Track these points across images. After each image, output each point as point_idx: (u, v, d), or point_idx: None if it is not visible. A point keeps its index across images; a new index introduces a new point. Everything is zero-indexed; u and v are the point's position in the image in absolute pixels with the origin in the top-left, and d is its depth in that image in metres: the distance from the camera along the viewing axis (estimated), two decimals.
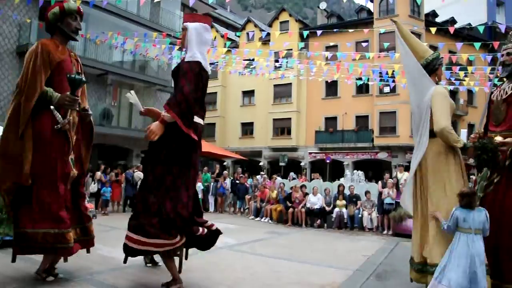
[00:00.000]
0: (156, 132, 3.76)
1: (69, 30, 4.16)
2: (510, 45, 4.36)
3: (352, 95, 28.86)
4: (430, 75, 4.33)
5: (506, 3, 33.10)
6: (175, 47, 14.08)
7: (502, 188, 4.01)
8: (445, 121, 4.03)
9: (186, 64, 3.96)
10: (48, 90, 3.89)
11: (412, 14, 27.29)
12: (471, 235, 3.55)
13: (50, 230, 3.72)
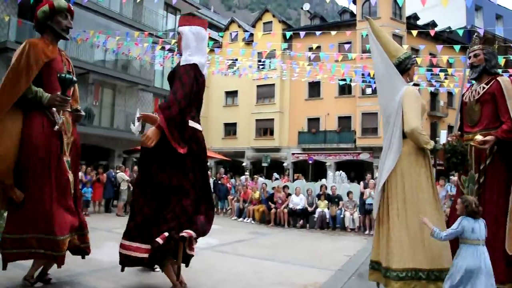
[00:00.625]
0: (152, 138, 3.66)
1: (59, 29, 4.04)
2: (476, 47, 4.42)
3: (335, 96, 29.11)
4: (402, 75, 4.23)
5: (484, 8, 33.81)
6: (157, 46, 13.98)
7: (487, 188, 4.06)
8: (416, 121, 3.91)
9: (181, 67, 3.88)
10: (38, 90, 3.78)
11: (394, 17, 27.68)
12: (480, 247, 3.32)
13: (44, 236, 3.60)
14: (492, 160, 4.10)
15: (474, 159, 4.23)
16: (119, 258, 3.88)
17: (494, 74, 4.32)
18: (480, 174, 4.14)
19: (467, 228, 3.35)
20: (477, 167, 4.20)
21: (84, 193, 12.12)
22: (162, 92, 24.32)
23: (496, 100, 4.14)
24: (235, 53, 13.71)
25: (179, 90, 3.76)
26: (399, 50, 4.39)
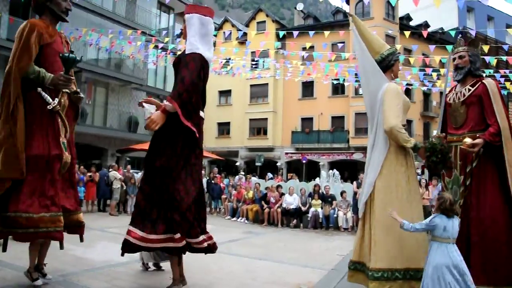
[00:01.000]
0: (157, 121, 3.67)
1: (59, 10, 4.01)
2: (461, 48, 4.42)
3: (328, 96, 29.19)
4: (385, 72, 4.21)
5: (476, 9, 34.09)
6: (150, 44, 13.92)
7: (474, 191, 4.05)
8: (395, 119, 3.86)
9: (188, 55, 3.88)
10: (41, 70, 3.76)
11: (387, 17, 27.80)
12: (450, 245, 3.31)
13: (45, 214, 3.58)
14: (479, 162, 4.09)
15: (460, 161, 4.20)
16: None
17: (479, 76, 4.33)
18: (466, 176, 4.13)
19: (439, 226, 3.33)
20: (462, 169, 4.17)
21: None
22: (155, 91, 24.22)
23: (483, 102, 4.14)
24: (229, 52, 13.70)
25: (186, 77, 3.77)
26: (383, 46, 4.36)
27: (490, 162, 4.07)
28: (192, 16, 4.06)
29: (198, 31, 4.01)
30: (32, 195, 3.61)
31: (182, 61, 3.90)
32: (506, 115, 4.10)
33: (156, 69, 23.86)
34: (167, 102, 3.72)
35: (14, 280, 4.03)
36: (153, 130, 3.70)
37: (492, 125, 4.03)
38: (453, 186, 4.24)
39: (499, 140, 3.97)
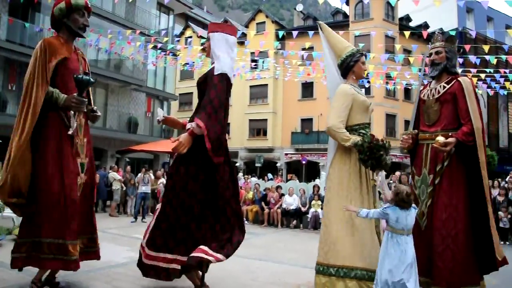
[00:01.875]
0: (186, 144, 3.66)
1: (76, 27, 3.94)
2: (437, 44, 4.37)
3: (327, 97, 29.09)
4: (347, 73, 4.31)
5: (475, 10, 34.11)
6: (150, 44, 13.92)
7: (443, 191, 4.00)
8: (333, 119, 4.05)
9: (216, 76, 3.84)
10: (54, 91, 3.70)
11: (386, 18, 27.82)
12: (403, 237, 3.39)
13: (54, 240, 3.55)
14: (450, 162, 4.03)
15: (430, 160, 4.16)
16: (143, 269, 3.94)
17: (454, 74, 4.27)
18: (435, 176, 4.08)
19: (392, 217, 3.39)
20: (432, 168, 4.13)
21: None
22: (155, 92, 24.23)
23: (457, 100, 4.08)
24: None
25: (215, 99, 3.75)
26: (344, 50, 4.39)
27: (461, 162, 4.01)
28: (218, 35, 4.04)
29: (224, 50, 4.00)
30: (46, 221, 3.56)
31: (209, 81, 3.86)
32: (479, 115, 4.02)
33: (155, 70, 23.86)
34: (194, 124, 3.69)
35: (13, 280, 4.03)
36: (181, 152, 3.68)
37: (466, 124, 3.97)
38: (421, 185, 4.20)
39: (472, 140, 3.91)
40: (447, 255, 3.83)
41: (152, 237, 3.84)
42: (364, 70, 4.42)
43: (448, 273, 3.79)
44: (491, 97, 29.97)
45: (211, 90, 3.78)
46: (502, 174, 24.44)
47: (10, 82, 16.96)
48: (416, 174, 4.31)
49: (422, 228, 4.11)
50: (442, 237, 3.88)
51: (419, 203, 4.16)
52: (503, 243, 9.79)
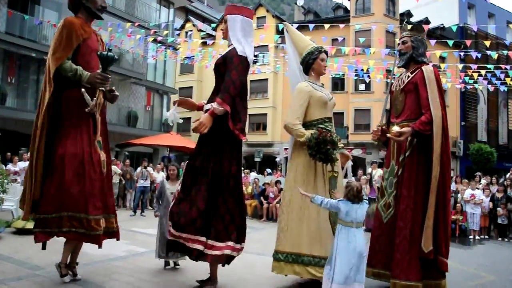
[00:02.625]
0: (206, 124, 3.63)
1: (95, 8, 3.98)
2: (404, 34, 4.39)
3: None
4: (308, 70, 4.44)
5: (477, 6, 33.99)
6: (149, 37, 13.86)
7: (405, 182, 4.01)
8: (289, 116, 4.22)
9: (237, 57, 3.82)
10: (78, 68, 3.74)
11: (387, 13, 27.69)
12: (352, 229, 3.50)
13: (76, 214, 3.58)
14: (411, 153, 4.04)
15: (396, 151, 4.20)
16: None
17: (421, 63, 4.24)
18: (399, 167, 4.10)
19: (343, 210, 3.53)
20: (397, 159, 4.14)
21: None
22: (155, 86, 24.17)
23: (418, 90, 4.07)
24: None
25: (237, 80, 3.75)
26: (305, 48, 4.50)
27: (423, 152, 4.00)
28: (235, 17, 4.01)
29: (242, 33, 3.98)
30: (67, 196, 3.60)
31: (229, 62, 3.83)
32: (441, 104, 4.00)
33: (155, 64, 23.79)
34: (217, 105, 3.66)
35: (12, 273, 4.04)
36: (202, 133, 3.65)
37: (425, 113, 3.96)
38: (389, 177, 4.24)
39: (430, 129, 3.88)
40: (403, 247, 3.85)
41: (171, 215, 3.79)
42: (324, 66, 4.51)
43: (406, 265, 3.80)
44: (491, 93, 29.98)
45: (232, 71, 3.76)
46: (501, 170, 24.51)
47: (9, 75, 16.90)
48: (385, 166, 4.38)
49: (384, 221, 4.16)
50: (400, 229, 3.91)
51: (385, 194, 4.22)
52: (501, 240, 9.81)
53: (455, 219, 10.05)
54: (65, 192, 3.59)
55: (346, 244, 3.46)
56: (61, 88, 3.73)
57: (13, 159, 11.29)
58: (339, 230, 3.55)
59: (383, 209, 4.23)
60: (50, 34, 17.81)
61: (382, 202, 4.27)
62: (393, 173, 4.17)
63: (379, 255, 4.14)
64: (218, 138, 3.78)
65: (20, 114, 16.35)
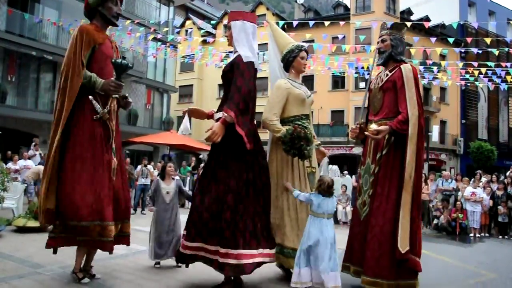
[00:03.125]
0: (219, 133, 3.65)
1: (110, 15, 4.01)
2: (383, 32, 4.41)
3: (328, 90, 29.11)
4: (288, 68, 4.50)
5: (477, 4, 33.95)
6: (150, 35, 13.84)
7: (380, 180, 4.04)
8: (266, 112, 4.29)
9: (243, 64, 3.84)
10: (92, 75, 3.75)
11: (387, 11, 27.67)
12: (324, 220, 3.77)
13: (91, 223, 3.58)
14: (388, 151, 4.05)
15: (372, 149, 4.22)
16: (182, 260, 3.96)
17: (400, 61, 4.26)
18: (375, 165, 4.12)
19: (315, 203, 3.79)
20: (374, 157, 4.16)
21: None
22: (155, 84, 24.16)
23: (396, 88, 4.09)
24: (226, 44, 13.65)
25: (243, 86, 3.77)
26: (286, 46, 4.54)
27: (400, 151, 4.00)
28: (239, 23, 4.02)
29: (247, 38, 4.00)
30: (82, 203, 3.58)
31: (236, 69, 3.84)
32: (418, 103, 4.01)
33: (155, 62, 23.77)
34: (225, 113, 3.70)
35: (13, 271, 4.05)
36: (215, 142, 3.67)
37: (402, 112, 3.98)
38: (365, 175, 4.27)
39: (407, 128, 3.90)
40: (373, 244, 3.88)
41: (187, 228, 3.80)
42: (304, 64, 4.56)
43: (374, 262, 3.83)
44: (492, 91, 29.91)
45: (238, 78, 3.78)
46: (502, 168, 24.52)
47: (9, 74, 16.89)
48: (362, 163, 4.38)
49: (361, 218, 4.19)
50: (372, 226, 3.94)
51: (361, 193, 4.27)
52: (501, 238, 9.82)
53: (456, 217, 10.05)
54: (77, 200, 3.58)
55: (320, 234, 3.69)
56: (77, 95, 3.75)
57: (14, 158, 11.30)
58: (311, 221, 3.79)
59: (360, 207, 4.28)
60: (50, 33, 17.81)
61: (360, 200, 4.32)
62: (369, 171, 4.20)
63: (357, 253, 4.16)
64: (232, 145, 3.78)
65: (20, 113, 16.36)
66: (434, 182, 11.46)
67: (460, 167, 29.70)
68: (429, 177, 11.35)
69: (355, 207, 4.48)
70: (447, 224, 10.08)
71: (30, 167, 10.80)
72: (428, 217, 10.84)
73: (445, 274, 5.49)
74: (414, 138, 3.91)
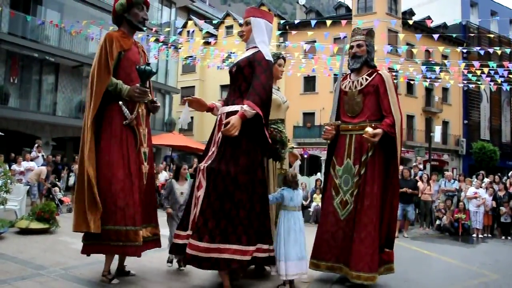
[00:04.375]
0: (238, 127, 3.54)
1: (136, 21, 4.10)
2: (359, 37, 4.52)
3: (330, 90, 29.05)
4: None
5: (480, 4, 33.89)
6: (151, 37, 13.87)
7: (369, 180, 4.22)
8: None
9: (266, 61, 3.80)
10: (118, 82, 3.83)
11: (389, 12, 27.66)
12: (295, 212, 3.95)
13: (122, 227, 3.63)
14: (373, 153, 4.25)
15: (355, 150, 4.36)
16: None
17: (374, 67, 4.51)
18: (361, 166, 4.29)
19: (287, 197, 3.93)
20: (357, 158, 4.33)
21: None
22: (157, 86, 24.15)
23: (379, 93, 4.31)
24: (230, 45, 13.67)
25: (267, 85, 3.73)
26: None
27: (382, 152, 4.28)
28: (259, 21, 4.00)
29: (265, 36, 3.98)
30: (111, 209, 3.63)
31: (257, 65, 3.78)
32: (399, 107, 4.31)
33: (157, 63, 23.79)
34: (247, 107, 3.59)
35: (16, 273, 4.05)
36: (233, 135, 3.55)
37: (388, 116, 4.23)
38: (344, 175, 4.39)
39: (394, 132, 4.19)
40: (368, 241, 4.08)
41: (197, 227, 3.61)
42: (281, 71, 4.73)
43: (369, 258, 4.04)
44: (494, 92, 29.85)
45: (262, 75, 3.73)
46: (504, 169, 24.44)
47: (12, 75, 16.94)
48: (337, 164, 4.48)
49: (341, 218, 4.34)
50: (365, 224, 4.13)
51: (340, 192, 4.38)
52: (504, 238, 9.79)
53: (458, 218, 10.03)
54: (110, 205, 3.64)
55: (293, 226, 3.89)
56: (102, 101, 3.81)
57: (18, 160, 11.34)
58: (284, 216, 3.93)
59: (339, 206, 4.39)
60: (52, 34, 17.85)
61: (338, 199, 4.41)
62: (350, 171, 4.35)
63: (334, 250, 4.32)
64: (244, 141, 3.70)
65: (23, 115, 16.40)
66: (437, 182, 11.43)
67: (463, 167, 29.64)
68: (431, 178, 11.33)
69: (329, 206, 4.47)
70: (449, 225, 10.06)
71: (33, 169, 10.84)
72: (431, 218, 10.82)
73: (448, 275, 5.48)
74: (399, 140, 4.24)
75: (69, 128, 18.41)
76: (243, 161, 3.68)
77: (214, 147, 3.87)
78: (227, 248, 3.51)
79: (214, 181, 3.61)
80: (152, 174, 4.17)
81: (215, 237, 3.50)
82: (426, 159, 19.19)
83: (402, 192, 9.14)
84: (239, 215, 3.60)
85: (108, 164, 3.72)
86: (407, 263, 5.80)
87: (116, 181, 3.69)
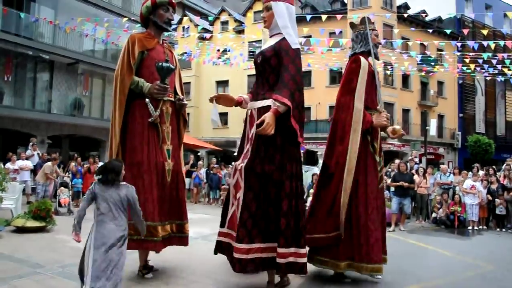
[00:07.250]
0: (273, 125, 3.42)
1: (161, 21, 4.19)
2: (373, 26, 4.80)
3: (326, 85, 29.08)
4: None
5: None
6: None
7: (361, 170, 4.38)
8: None
9: (293, 50, 3.63)
10: (139, 80, 3.92)
11: (384, 6, 27.62)
12: None
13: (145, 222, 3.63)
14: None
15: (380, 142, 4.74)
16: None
17: None
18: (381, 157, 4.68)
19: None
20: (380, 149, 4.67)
21: (74, 184, 12.01)
22: None
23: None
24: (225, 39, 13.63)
25: (297, 75, 3.59)
26: None
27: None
28: (280, 5, 3.75)
29: (290, 21, 3.74)
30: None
31: (284, 55, 3.60)
32: None
33: None
34: (279, 103, 3.46)
35: (13, 271, 4.06)
36: (269, 134, 3.43)
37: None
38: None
39: None
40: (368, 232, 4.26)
41: (238, 231, 3.56)
42: None
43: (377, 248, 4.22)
44: (489, 85, 29.97)
45: (289, 65, 3.56)
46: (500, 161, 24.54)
47: (6, 73, 16.81)
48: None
49: None
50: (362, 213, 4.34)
51: None
52: (499, 230, 9.85)
53: (454, 210, 10.07)
54: None
55: None
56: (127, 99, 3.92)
57: (12, 158, 11.25)
58: None
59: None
60: (46, 32, 17.72)
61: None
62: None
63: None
64: (278, 137, 3.59)
65: (18, 113, 16.29)
66: (432, 176, 11.47)
67: (458, 160, 29.73)
68: (427, 171, 11.37)
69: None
70: (445, 218, 10.10)
71: (27, 167, 10.79)
72: (427, 211, 10.86)
73: (444, 267, 5.51)
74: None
75: (65, 126, 18.34)
76: (278, 158, 3.62)
77: (249, 144, 3.78)
78: (269, 246, 3.53)
79: (251, 181, 3.56)
80: (178, 171, 4.19)
81: (254, 238, 3.49)
82: (422, 153, 19.23)
83: (398, 186, 9.21)
84: (276, 213, 3.56)
85: (133, 162, 3.83)
86: (403, 255, 5.84)
87: (140, 179, 3.80)
